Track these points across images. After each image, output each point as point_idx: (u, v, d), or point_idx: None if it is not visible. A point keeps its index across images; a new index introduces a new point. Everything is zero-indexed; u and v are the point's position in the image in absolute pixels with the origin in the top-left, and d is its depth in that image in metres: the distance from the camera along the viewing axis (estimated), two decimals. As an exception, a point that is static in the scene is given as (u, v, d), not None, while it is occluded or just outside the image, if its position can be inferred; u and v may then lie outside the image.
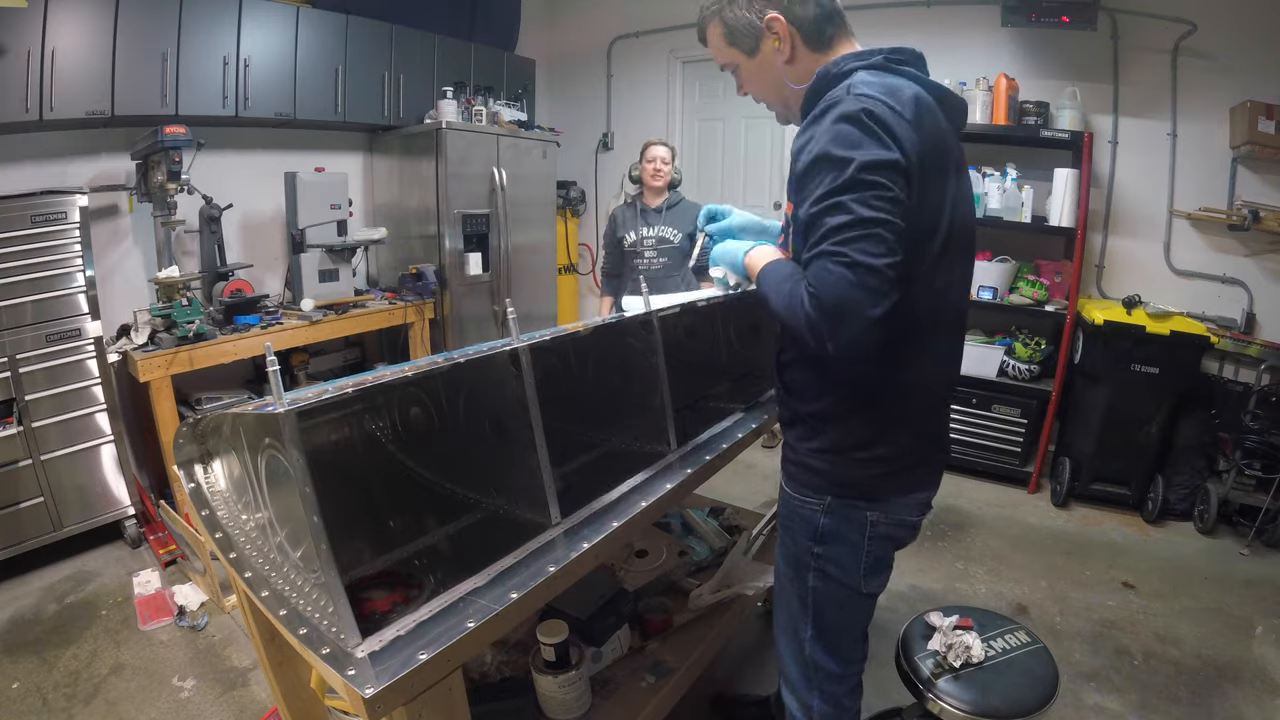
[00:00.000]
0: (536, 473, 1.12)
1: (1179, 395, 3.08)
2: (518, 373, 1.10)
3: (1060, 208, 3.23)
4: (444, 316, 3.78)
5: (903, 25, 3.79)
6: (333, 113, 3.44)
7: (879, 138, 0.92)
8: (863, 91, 0.96)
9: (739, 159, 4.60)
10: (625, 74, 4.88)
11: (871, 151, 0.92)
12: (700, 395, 1.85)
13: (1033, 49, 3.50)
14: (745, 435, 1.57)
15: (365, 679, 0.77)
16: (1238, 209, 3.16)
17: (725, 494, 2.63)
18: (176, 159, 2.69)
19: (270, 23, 3.13)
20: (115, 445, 2.72)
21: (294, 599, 0.96)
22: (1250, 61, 3.07)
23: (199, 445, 1.25)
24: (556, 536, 1.10)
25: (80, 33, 2.56)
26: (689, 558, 2.00)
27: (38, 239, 2.46)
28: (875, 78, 1.00)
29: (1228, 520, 3.03)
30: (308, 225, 3.27)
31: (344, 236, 3.42)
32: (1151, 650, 2.25)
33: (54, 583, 2.53)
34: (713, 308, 2.09)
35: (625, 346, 1.49)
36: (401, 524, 1.23)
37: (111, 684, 2.03)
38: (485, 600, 0.92)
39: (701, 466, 1.39)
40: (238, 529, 1.14)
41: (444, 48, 3.90)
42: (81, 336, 2.60)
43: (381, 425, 1.33)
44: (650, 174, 3.07)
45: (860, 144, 0.92)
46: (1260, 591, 2.60)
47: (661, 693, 1.55)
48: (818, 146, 0.95)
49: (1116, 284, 3.52)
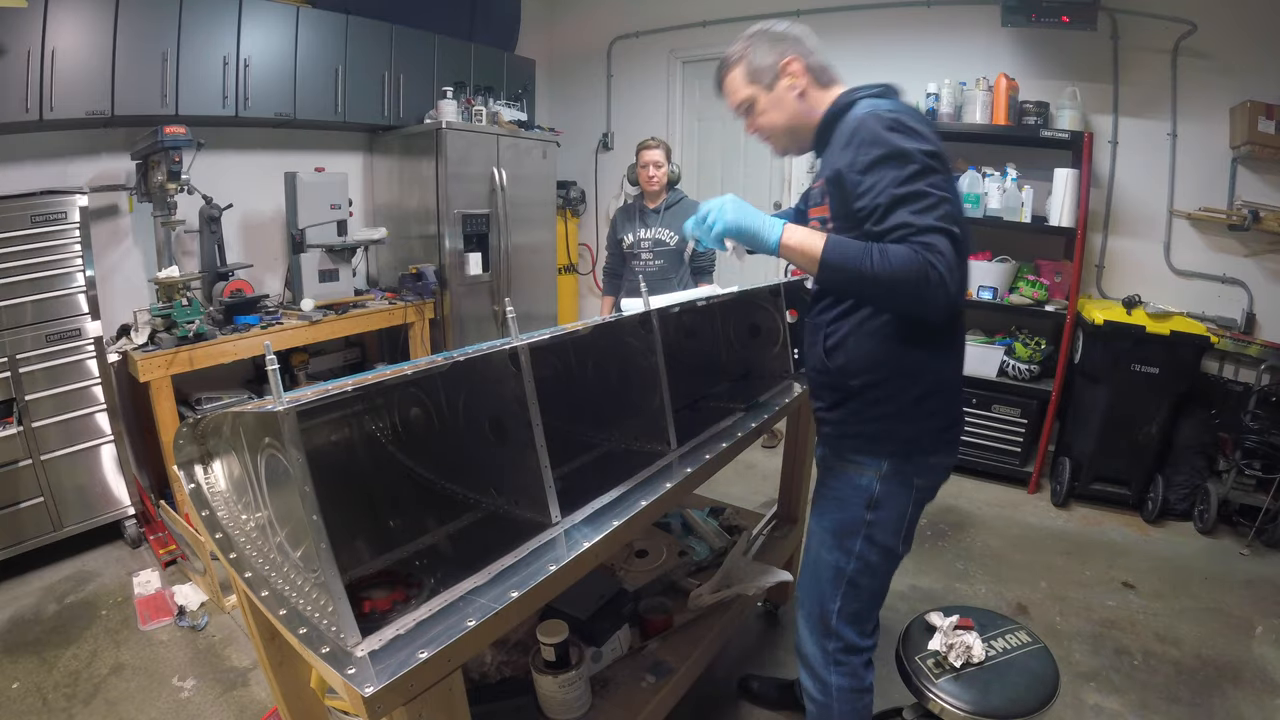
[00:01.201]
0: (536, 472, 1.12)
1: (1179, 395, 3.08)
2: (517, 372, 1.10)
3: (1060, 208, 3.23)
4: (444, 316, 3.78)
5: (903, 25, 3.79)
6: (333, 113, 3.44)
7: (918, 134, 1.14)
8: (885, 109, 1.18)
9: (739, 159, 4.60)
10: (625, 74, 4.88)
11: (922, 143, 1.13)
12: (700, 395, 1.85)
13: (1033, 49, 3.50)
14: (745, 435, 1.57)
15: (365, 678, 0.77)
16: (1238, 209, 3.16)
17: (725, 494, 2.64)
18: (176, 159, 2.69)
19: (270, 23, 3.13)
20: (115, 445, 2.72)
21: (294, 599, 0.96)
22: (1250, 61, 3.07)
23: (199, 445, 1.25)
24: (557, 536, 1.10)
25: (80, 33, 2.56)
26: (689, 558, 2.00)
27: (38, 239, 2.45)
28: (884, 101, 1.23)
29: (1228, 520, 3.03)
30: (308, 225, 3.27)
31: (344, 236, 3.42)
32: (1151, 650, 2.25)
33: (54, 583, 2.53)
34: (712, 308, 2.09)
35: (625, 346, 1.49)
36: (401, 523, 1.23)
37: (111, 684, 2.03)
38: (485, 599, 0.92)
39: (701, 466, 1.39)
40: (238, 529, 1.14)
41: (444, 48, 3.90)
42: (81, 336, 2.60)
43: (381, 425, 1.33)
44: (645, 179, 3.06)
45: (909, 140, 1.12)
46: (1260, 591, 2.60)
47: (661, 693, 1.55)
48: (875, 150, 1.14)
49: (1116, 284, 3.52)
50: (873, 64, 3.91)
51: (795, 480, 2.33)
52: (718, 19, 4.35)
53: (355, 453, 1.29)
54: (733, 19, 4.30)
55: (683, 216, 2.99)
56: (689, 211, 3.03)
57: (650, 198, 3.13)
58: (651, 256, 3.12)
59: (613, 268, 3.32)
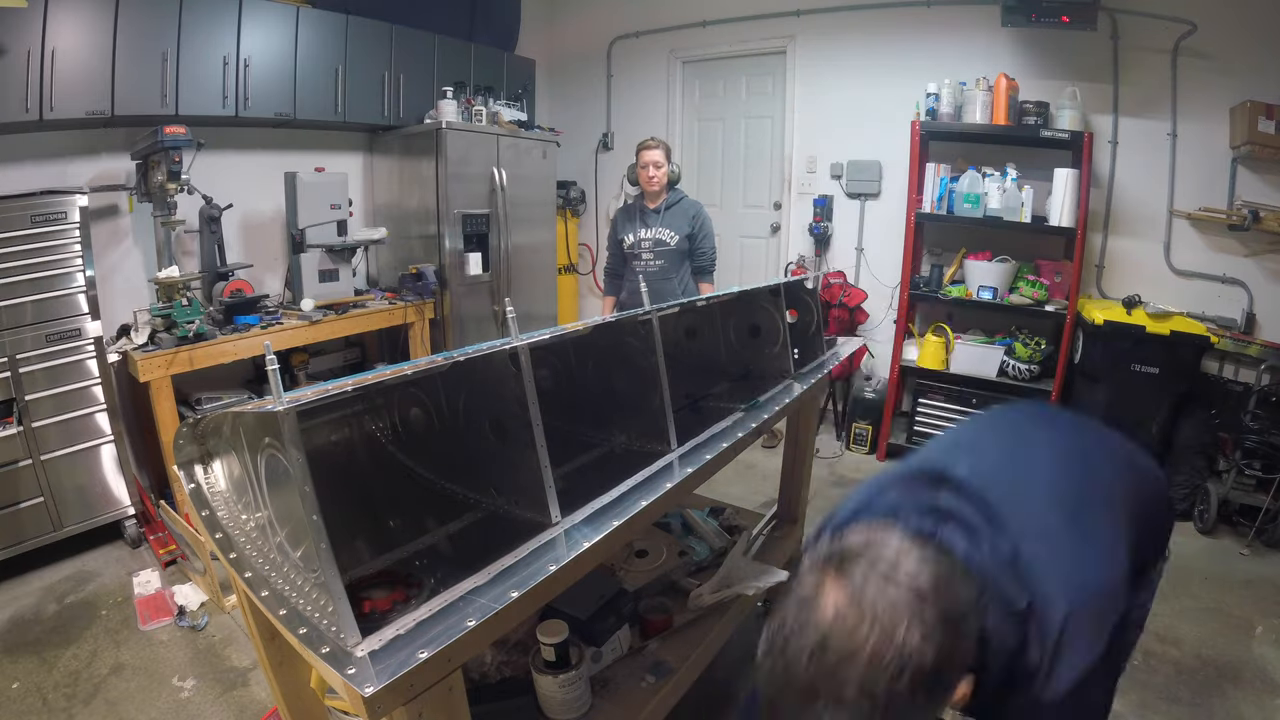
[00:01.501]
0: (536, 472, 1.12)
1: (1179, 395, 3.08)
2: (517, 372, 1.10)
3: (1060, 208, 3.23)
4: (444, 316, 3.78)
5: (903, 25, 3.79)
6: (333, 113, 3.44)
7: None
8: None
9: (739, 159, 4.60)
10: (625, 74, 4.88)
11: None
12: (700, 395, 1.85)
13: (1033, 49, 3.50)
14: (745, 435, 1.57)
15: (365, 678, 0.77)
16: (1238, 209, 3.16)
17: (725, 494, 2.63)
18: (176, 159, 2.69)
19: (270, 23, 3.13)
20: (115, 445, 2.72)
21: (294, 599, 0.95)
22: (1250, 61, 3.07)
23: (199, 446, 1.25)
24: (557, 535, 1.10)
25: (80, 33, 2.56)
26: (689, 558, 2.00)
27: (38, 239, 2.45)
28: None
29: (1228, 520, 3.03)
30: (308, 225, 3.27)
31: (344, 236, 3.42)
32: (1151, 650, 2.25)
33: (54, 583, 2.53)
34: (712, 308, 2.09)
35: (625, 346, 1.49)
36: (401, 524, 1.23)
37: (111, 684, 2.03)
38: (485, 599, 0.92)
39: (701, 466, 1.39)
40: (238, 529, 1.14)
41: (444, 48, 3.90)
42: (81, 336, 2.59)
43: (381, 425, 1.33)
44: (645, 180, 3.05)
45: None
46: (1260, 591, 2.60)
47: (661, 693, 1.55)
48: None
49: (1116, 284, 3.52)
50: (873, 64, 3.94)
51: (795, 480, 2.33)
52: (718, 19, 4.35)
53: (355, 453, 1.29)
54: (733, 19, 4.31)
55: (683, 216, 3.10)
56: (689, 211, 3.12)
57: (650, 198, 3.12)
58: (652, 256, 3.10)
59: (613, 268, 3.32)
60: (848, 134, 4.06)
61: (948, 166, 3.50)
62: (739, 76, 4.49)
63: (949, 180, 3.48)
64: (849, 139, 4.06)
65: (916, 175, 3.49)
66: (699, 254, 3.14)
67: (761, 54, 4.33)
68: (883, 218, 4.01)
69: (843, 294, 3.99)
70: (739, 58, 4.43)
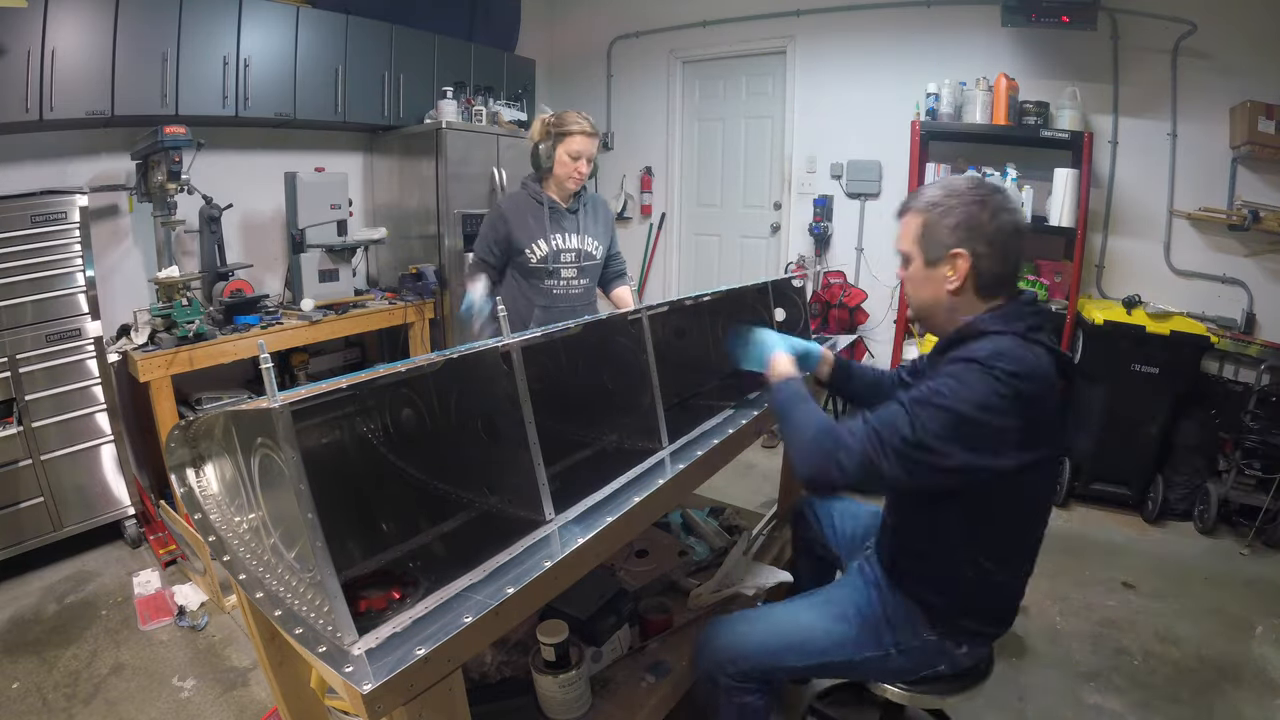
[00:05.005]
0: (529, 471, 1.13)
1: (1179, 395, 3.07)
2: (509, 371, 1.10)
3: (1060, 208, 3.23)
4: (444, 316, 3.78)
5: (903, 25, 3.79)
6: (333, 113, 3.44)
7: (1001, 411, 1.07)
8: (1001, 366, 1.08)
9: (739, 159, 4.60)
10: (625, 74, 4.88)
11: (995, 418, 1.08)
12: (691, 393, 1.85)
13: (1033, 49, 3.49)
14: (736, 432, 1.57)
15: (363, 676, 0.77)
16: (1238, 209, 3.15)
17: (725, 494, 2.63)
18: (176, 159, 2.70)
19: (270, 23, 3.14)
20: (115, 445, 2.72)
21: (289, 600, 0.95)
22: (1250, 61, 3.06)
23: (191, 449, 1.25)
24: (550, 533, 1.10)
25: (80, 33, 2.56)
26: (689, 558, 2.00)
27: (38, 239, 2.46)
28: (1013, 348, 1.11)
29: (1228, 520, 3.02)
30: (308, 225, 3.28)
31: (344, 236, 3.42)
32: (1151, 650, 2.25)
33: (54, 583, 2.53)
34: (701, 306, 2.09)
35: (616, 345, 1.49)
36: (395, 524, 1.23)
37: (111, 684, 2.03)
38: (481, 596, 0.92)
39: (693, 462, 1.39)
40: (231, 532, 1.13)
41: (444, 48, 3.91)
42: (81, 336, 2.60)
43: (374, 425, 1.33)
44: (566, 175, 2.20)
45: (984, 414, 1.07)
46: (1260, 591, 2.59)
47: (661, 693, 1.55)
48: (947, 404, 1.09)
49: (1116, 284, 3.51)
50: (873, 64, 3.94)
51: (795, 481, 2.32)
52: (718, 19, 4.35)
53: (348, 454, 1.29)
54: (733, 19, 4.31)
55: (601, 219, 2.38)
56: (601, 209, 2.40)
57: (563, 194, 2.27)
58: (575, 274, 2.30)
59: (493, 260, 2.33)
60: (848, 134, 4.06)
61: (948, 166, 3.50)
62: (739, 77, 4.49)
63: (949, 180, 3.47)
64: (849, 139, 4.06)
65: (916, 175, 3.48)
66: (615, 259, 2.47)
67: (761, 54, 4.33)
68: (883, 218, 4.01)
69: (843, 294, 3.99)
70: (739, 58, 4.43)
